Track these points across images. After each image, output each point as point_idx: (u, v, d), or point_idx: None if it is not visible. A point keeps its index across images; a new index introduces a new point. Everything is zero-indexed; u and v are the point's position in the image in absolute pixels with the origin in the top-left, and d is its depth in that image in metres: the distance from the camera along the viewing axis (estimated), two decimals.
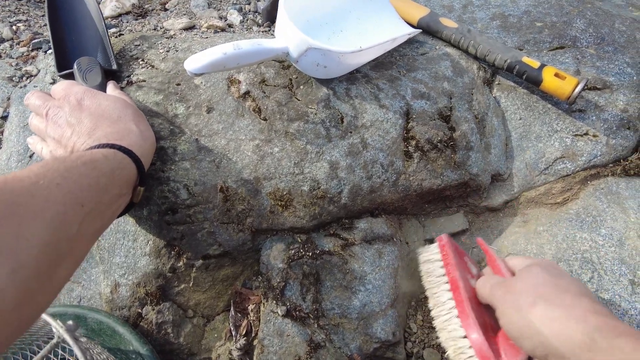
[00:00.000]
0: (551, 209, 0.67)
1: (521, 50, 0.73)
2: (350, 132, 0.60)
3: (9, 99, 0.70)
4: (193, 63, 0.52)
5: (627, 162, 0.69)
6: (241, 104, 0.61)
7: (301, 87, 0.63)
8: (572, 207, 0.66)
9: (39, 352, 0.42)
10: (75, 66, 0.59)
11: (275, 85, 0.63)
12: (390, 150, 0.60)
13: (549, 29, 0.75)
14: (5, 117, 0.69)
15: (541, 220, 0.66)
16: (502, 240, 0.66)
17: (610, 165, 0.68)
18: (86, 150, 0.44)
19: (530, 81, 0.66)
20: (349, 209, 0.59)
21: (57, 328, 0.42)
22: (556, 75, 0.64)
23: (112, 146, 0.45)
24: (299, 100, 0.61)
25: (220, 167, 0.57)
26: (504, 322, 0.42)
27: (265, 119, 0.59)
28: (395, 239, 0.61)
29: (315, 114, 0.60)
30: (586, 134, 0.68)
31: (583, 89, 0.64)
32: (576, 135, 0.68)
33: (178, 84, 0.63)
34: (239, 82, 0.63)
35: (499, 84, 0.71)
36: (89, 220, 0.39)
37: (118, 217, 0.48)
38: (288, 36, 0.57)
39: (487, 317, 0.47)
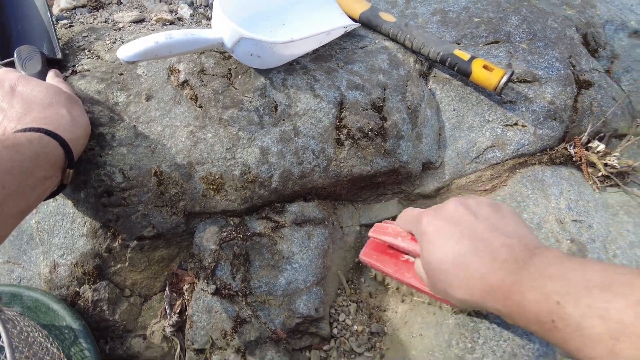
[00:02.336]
0: (480, 195, 0.71)
1: (459, 44, 0.76)
2: (283, 120, 0.62)
3: None
4: (125, 51, 0.54)
5: (553, 152, 0.72)
6: (179, 92, 0.63)
7: (239, 76, 0.65)
8: (500, 193, 0.70)
9: None
10: (15, 54, 0.61)
11: (213, 75, 0.65)
12: (322, 137, 0.63)
13: (486, 24, 0.78)
14: None
15: None
16: None
17: (538, 154, 0.72)
18: (11, 134, 0.46)
19: (461, 73, 0.69)
20: (280, 193, 0.62)
21: None
22: (485, 67, 0.67)
23: (38, 130, 0.48)
24: (236, 89, 0.64)
25: (155, 152, 0.60)
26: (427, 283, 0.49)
27: (200, 107, 0.62)
28: (326, 223, 0.64)
29: (250, 102, 0.63)
30: (516, 124, 0.71)
31: (509, 80, 0.67)
32: (506, 125, 0.71)
33: (121, 74, 0.66)
34: (179, 71, 0.65)
35: (434, 76, 0.74)
36: (12, 202, 0.42)
37: (48, 198, 0.51)
38: (222, 27, 0.60)
39: None
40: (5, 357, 0.41)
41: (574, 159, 0.73)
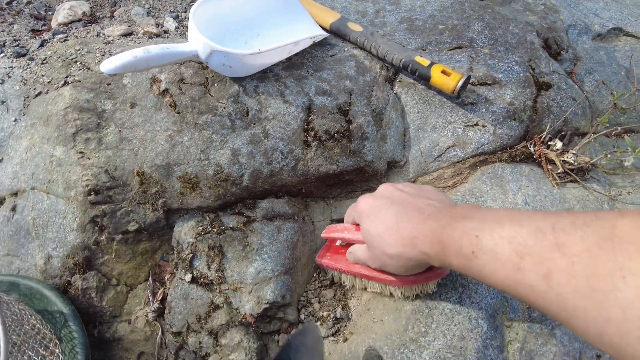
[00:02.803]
0: (442, 191, 0.76)
1: (424, 50, 0.81)
2: (254, 124, 0.68)
3: None
4: (106, 65, 0.61)
5: (513, 150, 0.77)
6: (160, 100, 0.70)
7: (215, 84, 0.71)
8: (461, 189, 0.74)
9: None
10: None
11: (192, 83, 0.71)
12: (291, 139, 0.69)
13: (450, 31, 0.83)
14: None
15: None
16: None
17: (499, 152, 0.77)
18: None
19: (422, 78, 0.74)
20: (251, 190, 0.68)
21: None
22: (443, 72, 0.72)
23: None
24: (212, 96, 0.70)
25: (137, 155, 0.66)
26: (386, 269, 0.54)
27: (179, 112, 0.68)
28: (296, 217, 0.70)
29: (224, 107, 0.69)
30: (476, 124, 0.76)
31: (467, 83, 0.72)
32: (467, 125, 0.76)
33: (108, 84, 0.72)
34: (160, 80, 0.71)
35: (400, 81, 0.80)
36: None
37: None
38: (197, 40, 0.66)
39: None
40: None
41: (534, 157, 0.78)
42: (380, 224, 0.51)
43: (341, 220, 0.76)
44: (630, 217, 0.30)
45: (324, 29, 0.82)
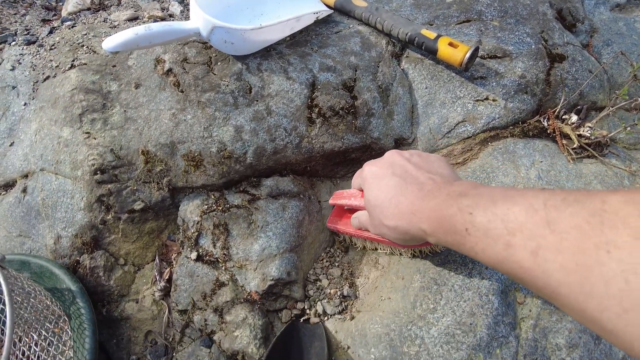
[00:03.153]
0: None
1: (431, 24, 0.79)
2: (257, 101, 0.68)
3: None
4: (109, 42, 0.61)
5: (526, 125, 0.74)
6: (164, 80, 0.70)
7: (219, 63, 0.71)
8: (471, 165, 0.72)
9: None
10: None
11: (195, 63, 0.71)
12: (294, 116, 0.68)
13: (458, 4, 0.81)
14: None
15: None
16: None
17: (510, 127, 0.74)
18: None
19: (428, 51, 0.72)
20: (255, 168, 0.67)
21: None
22: (450, 44, 0.70)
23: None
24: (215, 74, 0.70)
25: (142, 134, 0.66)
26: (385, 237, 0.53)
27: (182, 91, 0.68)
28: (302, 196, 0.69)
29: (227, 85, 0.68)
30: (486, 98, 0.74)
31: (475, 55, 0.70)
32: (477, 100, 0.74)
33: (114, 66, 0.73)
34: (164, 61, 0.71)
35: (407, 56, 0.78)
36: None
37: None
38: (198, 18, 0.65)
39: None
40: (4, 305, 0.48)
41: (548, 131, 0.75)
42: (380, 194, 0.50)
43: None
44: (621, 193, 0.29)
45: (328, 6, 0.81)
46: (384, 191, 0.50)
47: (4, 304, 0.59)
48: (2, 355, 0.42)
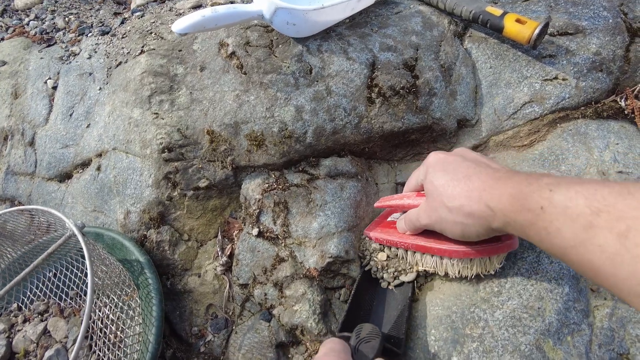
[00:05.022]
0: (518, 150, 0.70)
1: (495, 3, 0.76)
2: (317, 81, 0.68)
3: (58, 73, 0.87)
4: (178, 25, 0.63)
5: (599, 105, 0.70)
6: (227, 63, 0.72)
7: (280, 46, 0.72)
8: (538, 147, 0.69)
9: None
10: (354, 331, 0.51)
11: (257, 46, 0.73)
12: (354, 96, 0.68)
13: None
14: (55, 87, 0.86)
15: (507, 162, 0.70)
16: None
17: (582, 107, 0.70)
18: None
19: (494, 29, 0.70)
20: (314, 147, 0.67)
21: (69, 224, 0.55)
22: (517, 20, 0.67)
23: None
24: (276, 57, 0.71)
25: (207, 115, 0.68)
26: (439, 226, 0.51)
27: (245, 73, 0.70)
28: (360, 177, 0.69)
29: (288, 67, 0.69)
30: (555, 78, 0.70)
31: (544, 32, 0.66)
32: (545, 80, 0.70)
33: (180, 50, 0.76)
34: (227, 44, 0.74)
35: (470, 36, 0.75)
36: None
37: None
38: (261, 0, 0.67)
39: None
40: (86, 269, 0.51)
41: (626, 112, 0.70)
42: (446, 175, 0.48)
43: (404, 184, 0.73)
44: None
45: None
46: (451, 172, 0.48)
47: (85, 273, 0.63)
48: (84, 313, 0.45)
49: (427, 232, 0.56)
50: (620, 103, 0.70)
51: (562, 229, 0.34)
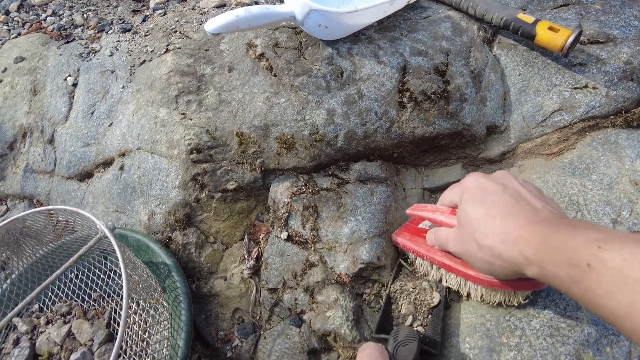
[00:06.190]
0: (547, 159, 0.70)
1: (524, 10, 0.76)
2: (348, 85, 0.67)
3: (78, 70, 0.86)
4: (211, 24, 0.63)
5: (629, 114, 0.70)
6: (256, 64, 0.71)
7: (309, 48, 0.72)
8: (567, 156, 0.69)
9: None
10: (391, 334, 0.52)
11: (286, 47, 0.72)
12: (385, 100, 0.67)
13: None
14: (75, 85, 0.84)
15: (536, 169, 0.69)
16: None
17: (612, 116, 0.70)
18: None
19: (525, 36, 0.69)
20: (345, 151, 0.67)
21: (101, 226, 0.54)
22: (550, 28, 0.67)
23: None
24: (306, 59, 0.70)
25: (236, 116, 0.68)
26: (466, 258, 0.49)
27: (275, 75, 0.69)
28: (389, 182, 0.68)
29: (319, 69, 0.68)
30: (585, 86, 0.70)
31: (577, 41, 0.66)
32: (575, 88, 0.70)
33: (207, 50, 0.75)
34: (256, 45, 0.73)
35: (499, 42, 0.75)
36: None
37: None
38: (294, 1, 0.66)
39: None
40: (121, 276, 0.50)
41: None
42: (483, 208, 0.45)
43: (434, 190, 0.73)
44: None
45: None
46: (488, 206, 0.44)
47: (107, 275, 0.62)
48: (122, 319, 0.44)
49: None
50: None
51: (615, 292, 0.31)
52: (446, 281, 0.58)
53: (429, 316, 0.57)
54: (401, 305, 0.59)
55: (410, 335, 0.50)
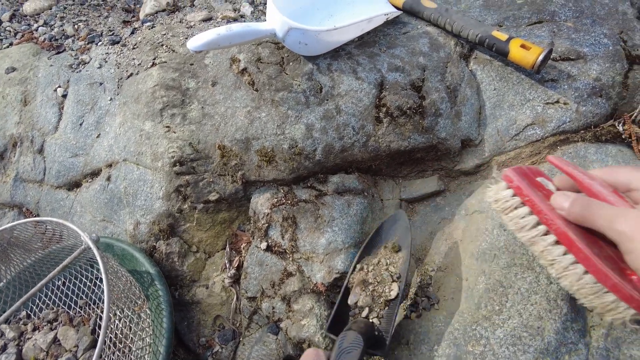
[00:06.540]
0: None
1: (500, 26, 0.79)
2: (327, 100, 0.70)
3: (68, 81, 0.88)
4: (193, 42, 0.65)
5: (598, 129, 0.72)
6: (239, 78, 0.73)
7: (291, 63, 0.74)
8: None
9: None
10: (338, 338, 0.53)
11: (268, 63, 0.74)
12: (362, 115, 0.70)
13: (529, 5, 0.79)
14: (65, 96, 0.87)
15: None
16: (471, 199, 0.73)
17: (581, 131, 0.72)
18: None
19: (499, 53, 0.72)
20: (323, 164, 0.69)
21: (85, 237, 0.57)
22: (522, 46, 0.69)
23: None
24: (287, 74, 0.73)
25: (219, 129, 0.70)
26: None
27: (257, 90, 0.71)
28: (366, 194, 0.70)
29: (299, 85, 0.71)
30: (557, 102, 0.72)
31: (548, 58, 0.69)
32: (547, 103, 0.73)
33: (191, 64, 0.77)
34: (239, 60, 0.75)
35: (475, 57, 0.77)
36: None
37: None
38: (274, 19, 0.68)
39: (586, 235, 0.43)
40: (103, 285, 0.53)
41: (623, 137, 0.73)
42: None
43: (411, 201, 0.75)
44: None
45: (396, 7, 0.82)
46: None
47: (93, 283, 0.64)
48: (103, 326, 0.47)
49: (591, 235, 0.43)
50: (618, 128, 0.72)
51: None
52: (551, 261, 0.45)
53: (386, 308, 0.60)
54: (359, 297, 0.61)
55: (355, 342, 0.52)
